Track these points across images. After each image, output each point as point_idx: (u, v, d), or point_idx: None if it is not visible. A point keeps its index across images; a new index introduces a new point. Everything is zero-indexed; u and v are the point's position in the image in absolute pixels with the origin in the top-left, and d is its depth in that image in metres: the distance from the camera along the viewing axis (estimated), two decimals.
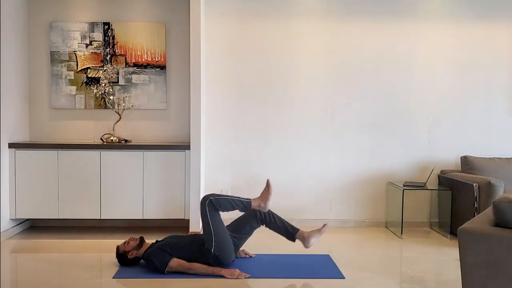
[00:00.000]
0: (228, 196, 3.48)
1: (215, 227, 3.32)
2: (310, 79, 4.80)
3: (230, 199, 3.41)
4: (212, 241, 3.30)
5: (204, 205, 3.33)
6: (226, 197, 3.42)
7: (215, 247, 3.29)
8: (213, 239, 3.30)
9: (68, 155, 4.33)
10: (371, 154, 4.85)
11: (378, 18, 4.78)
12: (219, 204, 3.34)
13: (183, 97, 4.78)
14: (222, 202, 3.36)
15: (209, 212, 3.32)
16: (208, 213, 3.32)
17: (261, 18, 4.75)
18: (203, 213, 3.34)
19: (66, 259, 3.71)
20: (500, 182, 4.10)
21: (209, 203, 3.33)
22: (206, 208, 3.32)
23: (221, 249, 3.31)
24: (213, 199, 3.34)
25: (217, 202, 3.33)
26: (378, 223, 4.87)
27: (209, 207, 3.33)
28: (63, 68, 4.71)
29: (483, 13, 4.80)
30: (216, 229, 3.32)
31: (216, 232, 3.32)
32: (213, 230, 3.31)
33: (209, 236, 3.32)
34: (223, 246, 3.33)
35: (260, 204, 3.46)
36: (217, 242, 3.30)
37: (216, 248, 3.30)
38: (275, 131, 4.81)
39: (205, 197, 3.38)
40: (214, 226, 3.32)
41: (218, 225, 3.35)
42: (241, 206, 3.43)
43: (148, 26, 4.71)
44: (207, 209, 3.32)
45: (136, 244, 3.45)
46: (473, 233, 2.25)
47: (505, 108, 4.89)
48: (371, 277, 3.32)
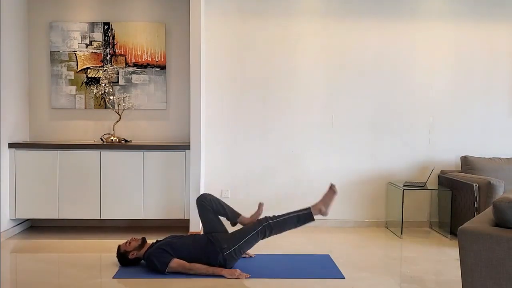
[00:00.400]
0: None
1: (249, 240, 3.33)
2: (310, 79, 4.80)
3: (287, 217, 3.39)
4: (235, 246, 3.30)
5: (266, 223, 3.34)
6: (283, 219, 3.38)
7: (232, 251, 3.30)
8: (237, 246, 3.31)
9: (68, 155, 4.33)
10: (371, 154, 4.85)
11: (378, 18, 4.78)
12: (279, 227, 3.36)
13: (183, 97, 4.78)
14: (280, 225, 3.36)
15: (260, 232, 3.33)
16: (258, 232, 3.33)
17: (261, 18, 4.75)
18: (255, 229, 3.34)
19: (66, 259, 3.71)
20: (500, 182, 4.10)
21: (267, 226, 3.34)
22: (264, 226, 3.33)
23: (234, 257, 3.33)
24: (272, 222, 3.35)
25: (275, 226, 3.34)
26: (378, 223, 4.87)
27: (267, 229, 3.34)
28: (63, 68, 4.71)
29: (483, 13, 4.81)
30: (248, 242, 3.34)
31: (246, 244, 3.34)
32: (245, 241, 3.32)
33: (234, 241, 3.32)
34: (239, 254, 3.35)
35: (321, 208, 3.41)
36: (237, 250, 3.32)
37: (231, 254, 3.30)
38: (275, 131, 4.81)
39: (266, 217, 3.40)
40: (249, 239, 3.33)
41: (251, 243, 3.36)
42: (301, 220, 3.40)
43: (148, 26, 4.71)
44: (263, 227, 3.33)
45: (138, 244, 3.44)
46: (473, 233, 2.25)
47: (505, 108, 4.90)
48: (371, 277, 3.32)
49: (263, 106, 4.80)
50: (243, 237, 3.33)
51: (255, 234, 3.32)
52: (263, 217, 3.41)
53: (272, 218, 3.37)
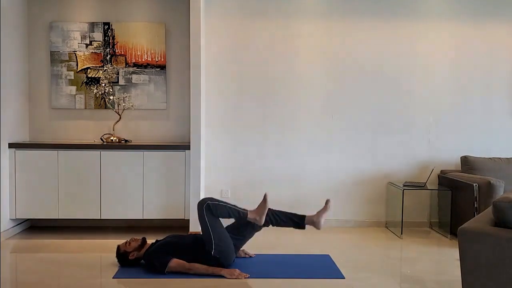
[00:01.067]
0: (225, 203, 3.42)
1: (214, 230, 3.31)
2: (310, 79, 4.80)
3: (228, 206, 3.38)
4: (212, 243, 3.29)
5: (202, 208, 3.31)
6: (223, 204, 3.38)
7: (215, 249, 3.29)
8: (212, 242, 3.29)
9: (68, 155, 4.33)
10: (371, 154, 4.85)
11: (378, 18, 4.78)
12: (216, 209, 3.32)
13: (183, 97, 4.78)
14: (219, 208, 3.33)
15: (207, 216, 3.30)
16: (206, 217, 3.30)
17: (261, 18, 4.75)
18: (201, 216, 3.32)
19: (66, 259, 3.71)
20: (500, 182, 4.10)
21: (207, 207, 3.30)
22: (204, 211, 3.30)
23: (221, 251, 3.30)
24: (210, 203, 3.32)
25: (214, 207, 3.31)
26: (378, 223, 4.87)
27: (207, 210, 3.30)
28: (63, 68, 4.71)
29: (483, 13, 4.80)
30: (215, 232, 3.31)
31: (216, 235, 3.31)
32: (212, 233, 3.30)
33: (208, 239, 3.31)
34: (223, 248, 3.32)
35: (256, 217, 3.40)
36: (217, 245, 3.29)
37: (216, 251, 3.29)
38: (275, 131, 4.81)
39: (203, 200, 3.37)
40: (213, 229, 3.30)
41: (217, 228, 3.33)
42: (236, 215, 3.40)
43: (148, 26, 4.71)
44: (204, 213, 3.30)
45: (138, 245, 3.44)
46: (473, 233, 2.25)
47: (505, 108, 4.89)
48: (371, 277, 3.32)
49: (263, 106, 4.79)
50: (206, 229, 3.30)
51: (207, 218, 3.29)
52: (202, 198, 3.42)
53: (211, 199, 3.37)
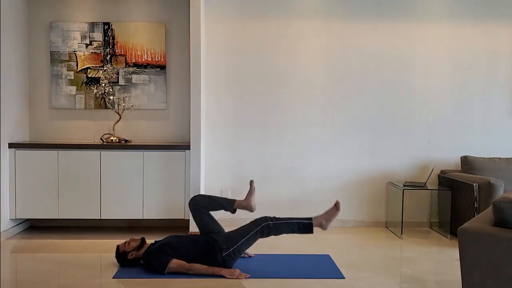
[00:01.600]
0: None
1: (248, 240, 3.33)
2: (310, 79, 4.80)
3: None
4: (234, 246, 3.30)
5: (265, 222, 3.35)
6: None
7: (231, 252, 3.30)
8: (236, 246, 3.30)
9: (68, 155, 4.33)
10: (371, 154, 4.85)
11: (378, 18, 4.78)
12: (274, 229, 3.36)
13: (183, 97, 4.78)
14: (279, 228, 3.37)
15: (258, 232, 3.33)
16: (256, 231, 3.33)
17: (261, 18, 4.75)
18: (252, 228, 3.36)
19: (66, 259, 3.71)
20: (500, 182, 4.10)
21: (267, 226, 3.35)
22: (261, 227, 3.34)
23: (231, 257, 3.32)
24: (271, 224, 3.35)
25: (273, 226, 3.34)
26: (378, 223, 4.87)
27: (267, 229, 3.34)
28: (63, 68, 4.71)
29: (483, 13, 4.80)
30: (247, 242, 3.34)
31: (245, 243, 3.34)
32: (244, 241, 3.32)
33: (233, 242, 3.31)
34: (236, 257, 3.35)
35: (322, 222, 3.40)
36: (236, 250, 3.31)
37: (230, 254, 3.30)
38: (275, 131, 4.81)
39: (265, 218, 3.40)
40: (247, 239, 3.33)
41: (250, 242, 3.36)
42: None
43: (148, 26, 4.71)
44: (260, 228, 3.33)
45: (137, 245, 3.44)
46: (473, 233, 2.25)
47: (505, 108, 4.89)
48: (371, 277, 3.32)
49: (263, 105, 4.79)
50: (242, 237, 3.32)
51: (253, 234, 3.32)
52: (263, 216, 3.41)
53: (272, 219, 3.36)
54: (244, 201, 3.64)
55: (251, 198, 3.63)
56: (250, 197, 3.64)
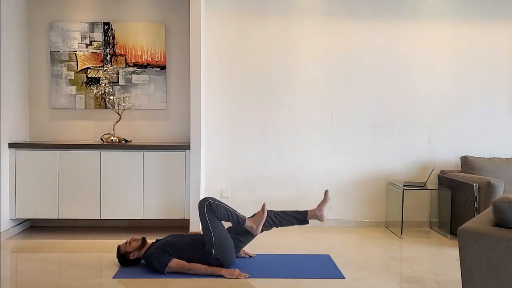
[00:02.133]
0: (227, 205, 3.43)
1: (215, 229, 3.30)
2: (310, 79, 4.79)
3: (228, 209, 3.38)
4: (213, 243, 3.28)
5: (203, 207, 3.31)
6: (224, 205, 3.38)
7: (215, 249, 3.29)
8: (213, 241, 3.29)
9: (68, 155, 4.33)
10: (371, 154, 4.85)
11: (378, 18, 4.78)
12: (217, 210, 3.31)
13: (183, 97, 4.78)
14: (220, 209, 3.32)
15: (208, 215, 3.29)
16: (207, 216, 3.29)
17: (261, 18, 4.75)
18: (202, 215, 3.32)
19: (66, 259, 3.71)
20: (500, 182, 4.10)
21: (208, 206, 3.30)
22: (205, 210, 3.30)
23: (221, 251, 3.30)
24: (212, 202, 3.31)
25: (215, 207, 3.30)
26: (378, 223, 4.87)
27: (207, 210, 3.30)
28: (63, 68, 4.71)
29: (483, 13, 4.80)
30: (216, 232, 3.30)
31: (217, 236, 3.30)
32: (213, 232, 3.29)
33: (209, 238, 3.30)
34: (224, 248, 3.32)
35: (253, 226, 3.41)
36: (217, 245, 3.29)
37: (217, 250, 3.29)
38: (275, 131, 4.81)
39: (204, 199, 3.36)
40: (213, 229, 3.30)
41: (218, 228, 3.33)
42: (235, 220, 3.40)
43: (148, 26, 4.71)
44: (205, 212, 3.30)
45: (138, 245, 3.44)
46: (473, 233, 2.25)
47: (505, 108, 4.89)
48: (371, 277, 3.32)
49: (263, 106, 4.79)
50: (207, 229, 3.29)
51: (207, 217, 3.28)
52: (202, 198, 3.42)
53: (209, 199, 3.36)
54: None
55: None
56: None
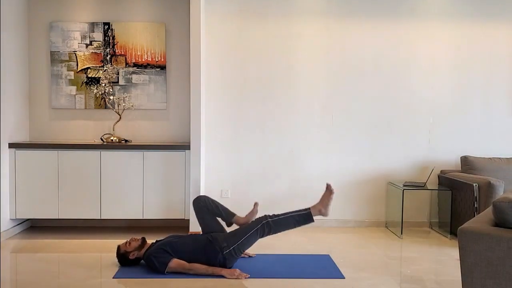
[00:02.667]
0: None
1: (249, 238, 3.33)
2: (310, 79, 4.79)
3: (287, 216, 3.38)
4: (235, 245, 3.30)
5: (266, 220, 3.33)
6: (283, 216, 3.38)
7: (231, 250, 3.29)
8: (237, 244, 3.30)
9: (68, 155, 4.33)
10: (371, 154, 4.85)
11: (378, 18, 4.78)
12: (274, 226, 3.33)
13: (183, 97, 4.78)
14: (280, 224, 3.35)
15: (259, 230, 3.31)
16: (257, 230, 3.31)
17: (261, 18, 4.75)
18: (256, 226, 3.33)
19: (66, 259, 3.71)
20: (500, 182, 4.10)
21: (267, 224, 3.32)
22: (262, 224, 3.32)
23: (233, 256, 3.32)
24: (271, 221, 3.33)
25: (273, 223, 3.33)
26: (378, 223, 4.87)
27: (267, 227, 3.32)
28: (63, 68, 4.71)
29: (483, 13, 4.80)
30: (246, 242, 3.33)
31: (246, 242, 3.33)
32: (244, 239, 3.31)
33: (234, 240, 3.31)
34: (239, 253, 3.35)
35: (321, 209, 3.40)
36: (236, 249, 3.31)
37: (231, 253, 3.30)
38: (275, 131, 4.81)
39: (265, 216, 3.38)
40: (247, 239, 3.32)
41: (250, 241, 3.35)
42: (300, 221, 3.39)
43: (148, 26, 4.71)
44: (261, 225, 3.31)
45: (138, 245, 3.44)
46: (473, 233, 2.25)
47: (505, 108, 4.89)
48: (371, 277, 3.32)
49: (263, 106, 4.79)
50: (242, 236, 3.33)
51: (254, 232, 3.32)
52: (263, 215, 3.41)
53: (272, 216, 3.37)
54: (243, 218, 3.58)
55: (250, 219, 3.56)
56: (250, 217, 3.57)
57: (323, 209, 3.41)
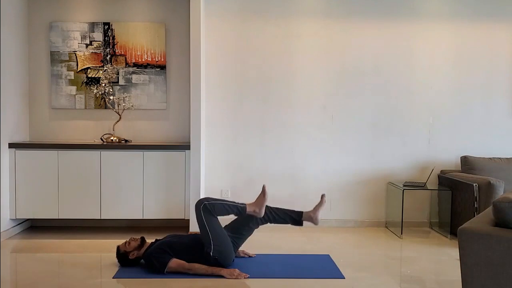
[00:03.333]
0: (223, 200, 3.42)
1: (213, 231, 3.30)
2: (310, 79, 4.79)
3: (225, 203, 3.37)
4: (211, 244, 3.28)
5: (199, 209, 3.30)
6: (221, 202, 3.37)
7: (214, 250, 3.28)
8: (211, 242, 3.28)
9: (68, 155, 4.33)
10: (371, 154, 4.85)
11: (378, 18, 4.78)
12: (214, 209, 3.30)
13: (183, 97, 4.78)
14: (217, 207, 3.32)
15: (205, 217, 3.29)
16: (204, 218, 3.29)
17: (261, 18, 4.75)
18: (198, 217, 3.31)
19: (66, 259, 3.71)
20: (500, 182, 4.10)
21: (204, 208, 3.29)
22: (201, 212, 3.29)
23: (220, 252, 3.30)
24: (207, 203, 3.30)
25: (211, 207, 3.30)
26: (378, 223, 4.87)
27: (204, 211, 3.29)
28: (63, 68, 4.71)
29: (483, 13, 4.80)
30: (214, 233, 3.30)
31: (214, 236, 3.30)
32: (210, 234, 3.29)
33: (207, 240, 3.30)
34: (222, 248, 3.32)
35: (255, 209, 3.41)
36: (215, 246, 3.29)
37: (215, 251, 3.29)
38: (275, 131, 4.81)
39: (200, 201, 3.35)
40: (211, 230, 3.30)
41: (215, 229, 3.32)
42: (235, 211, 3.40)
43: (148, 26, 4.71)
44: (202, 214, 3.29)
45: (137, 244, 3.44)
46: (473, 233, 2.25)
47: (505, 108, 4.89)
48: (371, 277, 3.32)
49: (263, 106, 4.80)
50: (204, 230, 3.30)
51: (204, 218, 3.29)
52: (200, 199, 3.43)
53: (208, 199, 3.37)
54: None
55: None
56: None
57: (257, 209, 3.40)
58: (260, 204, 3.41)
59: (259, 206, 3.41)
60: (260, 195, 3.44)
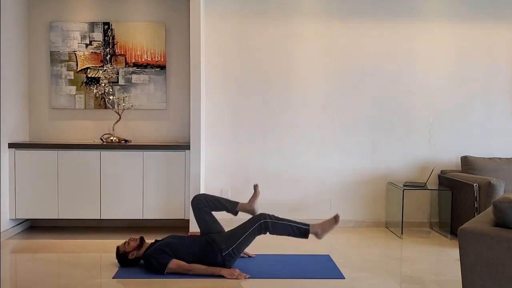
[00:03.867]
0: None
1: (244, 242, 3.33)
2: (310, 79, 4.79)
3: (285, 224, 3.36)
4: (233, 245, 3.30)
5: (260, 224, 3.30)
6: (281, 222, 3.35)
7: (230, 251, 3.29)
8: (235, 245, 3.30)
9: (68, 155, 4.33)
10: (371, 154, 4.85)
11: (378, 18, 4.78)
12: (273, 228, 3.31)
13: (183, 97, 4.78)
14: (277, 226, 3.33)
15: (257, 231, 3.30)
16: (256, 231, 3.30)
17: (261, 18, 4.75)
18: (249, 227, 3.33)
19: (66, 259, 3.71)
20: (500, 182, 4.09)
21: (264, 225, 3.30)
22: (257, 226, 3.29)
23: (231, 257, 3.32)
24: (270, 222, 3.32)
25: (272, 226, 3.31)
26: (378, 223, 4.87)
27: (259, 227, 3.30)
28: (63, 68, 4.71)
29: (483, 13, 4.80)
30: (242, 243, 3.33)
31: (240, 245, 3.33)
32: (239, 242, 3.31)
33: (230, 242, 3.30)
34: (235, 256, 3.35)
35: (318, 232, 3.37)
36: (235, 249, 3.31)
37: (228, 255, 3.30)
38: (275, 131, 4.81)
39: (262, 216, 3.38)
40: (244, 241, 3.32)
41: (247, 242, 3.35)
42: (296, 233, 3.37)
43: (148, 26, 4.71)
44: (256, 226, 3.29)
45: (137, 244, 3.44)
46: (473, 233, 2.25)
47: (505, 108, 4.89)
48: (371, 277, 3.31)
49: (263, 106, 4.79)
50: (240, 236, 3.32)
51: (251, 231, 3.30)
52: (261, 213, 3.40)
53: (271, 217, 3.35)
54: (247, 204, 3.64)
55: (254, 202, 3.65)
56: (253, 200, 3.65)
57: (320, 231, 3.37)
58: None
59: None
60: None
